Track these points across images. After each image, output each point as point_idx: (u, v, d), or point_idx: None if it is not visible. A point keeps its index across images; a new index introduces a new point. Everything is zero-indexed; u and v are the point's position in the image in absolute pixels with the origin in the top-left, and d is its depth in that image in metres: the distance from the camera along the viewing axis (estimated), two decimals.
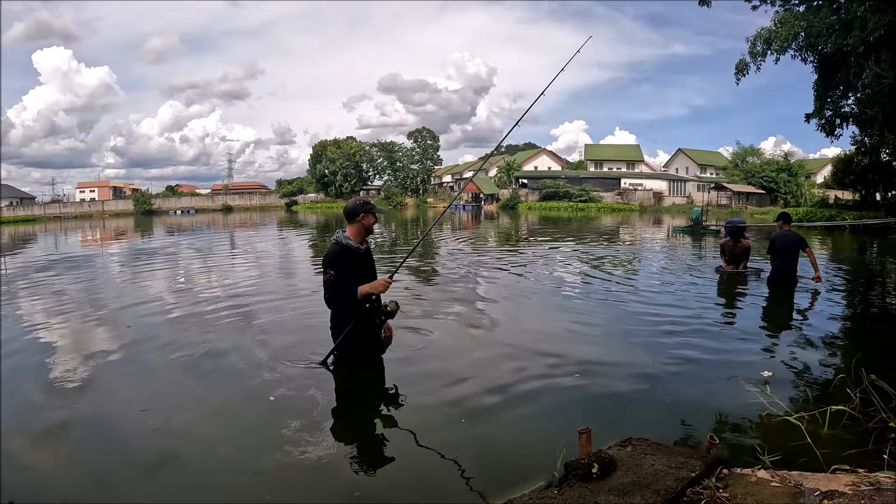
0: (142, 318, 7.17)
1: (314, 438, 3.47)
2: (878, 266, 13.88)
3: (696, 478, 2.67)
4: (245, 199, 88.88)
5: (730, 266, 9.60)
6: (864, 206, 29.74)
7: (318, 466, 3.16)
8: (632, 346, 5.70)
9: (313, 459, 3.21)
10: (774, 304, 7.80)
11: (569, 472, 2.75)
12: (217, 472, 3.22)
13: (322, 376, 4.56)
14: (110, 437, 3.63)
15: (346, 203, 4.67)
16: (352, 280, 4.37)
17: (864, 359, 4.25)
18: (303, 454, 3.26)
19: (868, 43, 14.13)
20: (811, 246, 8.66)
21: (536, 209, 55.87)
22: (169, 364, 5.15)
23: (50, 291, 9.56)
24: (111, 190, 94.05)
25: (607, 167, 74.98)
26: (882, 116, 18.13)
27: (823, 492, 2.46)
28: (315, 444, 3.40)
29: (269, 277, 11.20)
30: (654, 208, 56.04)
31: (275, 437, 3.45)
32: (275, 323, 6.73)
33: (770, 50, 19.39)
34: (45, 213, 71.79)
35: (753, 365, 4.97)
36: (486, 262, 12.98)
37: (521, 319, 7.24)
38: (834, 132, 22.64)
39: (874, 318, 7.41)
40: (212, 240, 24.52)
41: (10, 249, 22.06)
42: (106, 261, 16.53)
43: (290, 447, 3.33)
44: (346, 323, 4.43)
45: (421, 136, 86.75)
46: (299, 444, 3.37)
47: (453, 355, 5.20)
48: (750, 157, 60.36)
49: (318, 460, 3.21)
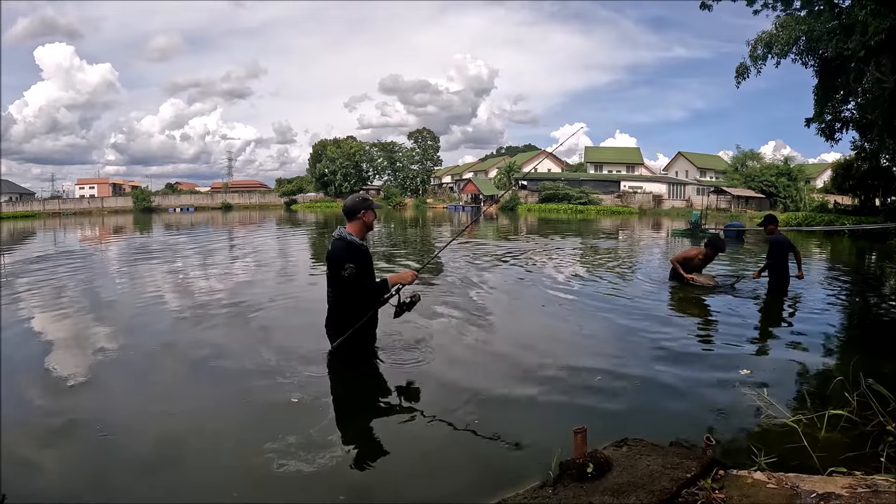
0: (140, 315, 7.16)
1: (313, 439, 3.44)
2: (876, 271, 13.88)
3: (691, 479, 2.65)
4: (245, 197, 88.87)
5: (701, 277, 8.75)
6: (864, 211, 29.70)
7: (317, 467, 3.13)
8: (627, 347, 5.68)
9: (312, 460, 3.18)
10: (773, 309, 7.79)
11: (564, 472, 2.73)
12: (218, 471, 3.20)
13: (321, 377, 4.54)
14: (109, 436, 3.60)
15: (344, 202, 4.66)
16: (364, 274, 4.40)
17: (861, 362, 4.24)
18: (302, 455, 3.23)
19: (869, 47, 14.12)
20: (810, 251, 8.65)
21: (536, 211, 55.89)
22: (168, 362, 5.14)
23: (48, 287, 9.52)
24: (111, 187, 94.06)
25: (607, 170, 74.91)
26: (882, 121, 18.12)
27: (820, 494, 2.44)
28: (314, 444, 3.37)
29: (268, 275, 11.18)
30: (654, 211, 56.10)
31: (274, 438, 3.42)
32: (275, 320, 6.73)
33: (771, 53, 19.40)
34: (45, 209, 71.52)
35: (750, 367, 4.96)
36: (485, 262, 12.95)
37: (516, 321, 7.24)
38: (834, 136, 22.65)
39: (872, 322, 7.39)
40: (210, 238, 24.48)
41: (9, 245, 22.02)
42: (104, 257, 16.51)
43: (289, 447, 3.31)
44: (353, 319, 4.38)
45: (421, 136, 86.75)
46: (298, 445, 3.35)
47: (449, 356, 5.17)
48: (750, 161, 60.32)
49: (317, 461, 3.19)
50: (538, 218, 46.17)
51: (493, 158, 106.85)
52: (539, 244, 19.05)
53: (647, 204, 59.12)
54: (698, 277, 8.67)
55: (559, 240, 21.23)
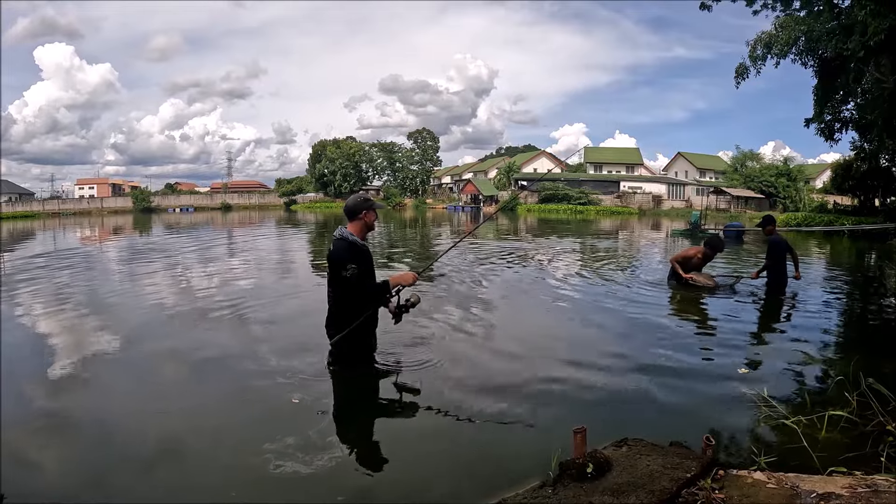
0: (139, 315, 7.17)
1: (312, 440, 3.43)
2: (876, 271, 13.88)
3: (691, 478, 2.65)
4: (244, 197, 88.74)
5: (700, 277, 8.69)
6: (863, 211, 29.70)
7: (316, 467, 3.12)
8: (627, 347, 5.67)
9: (311, 461, 3.17)
10: (772, 309, 7.79)
11: (563, 472, 2.72)
12: (217, 471, 3.19)
13: (320, 378, 4.52)
14: (108, 436, 3.60)
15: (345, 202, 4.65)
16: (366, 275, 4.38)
17: (861, 362, 4.24)
18: (300, 456, 3.22)
19: (868, 47, 14.08)
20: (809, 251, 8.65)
21: (535, 211, 55.86)
22: (167, 362, 5.13)
23: (46, 286, 9.52)
24: (110, 187, 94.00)
25: (607, 170, 74.90)
26: (882, 121, 18.09)
27: (820, 494, 2.44)
28: (313, 445, 3.36)
29: (268, 275, 11.17)
30: (653, 212, 56.06)
31: (274, 438, 3.41)
32: (276, 320, 6.73)
33: (770, 54, 19.39)
34: (44, 209, 71.40)
35: (750, 367, 4.98)
36: (484, 262, 12.94)
37: (515, 321, 7.23)
38: (833, 137, 22.61)
39: (872, 323, 7.40)
40: (209, 238, 24.46)
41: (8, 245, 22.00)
42: (103, 257, 16.50)
43: (288, 448, 3.30)
44: (354, 320, 4.34)
45: (421, 136, 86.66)
46: (297, 446, 3.34)
47: (448, 356, 5.16)
48: (749, 162, 60.28)
49: (315, 461, 3.17)
50: (538, 218, 46.16)
51: (492, 159, 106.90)
52: (538, 244, 19.05)
53: (647, 204, 59.07)
54: (697, 277, 8.64)
55: (558, 240, 21.23)
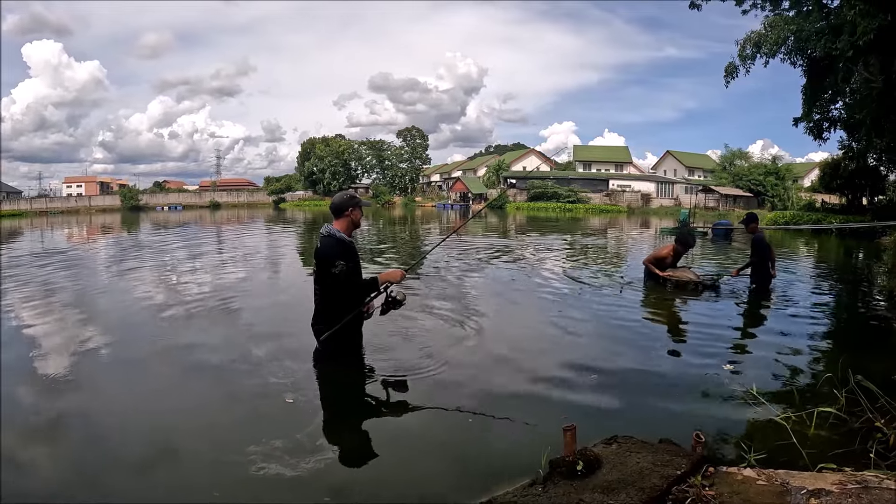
0: (129, 314, 7.11)
1: (303, 440, 3.40)
2: (864, 269, 13.99)
3: (681, 476, 2.64)
4: (233, 195, 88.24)
5: (677, 272, 8.61)
6: (851, 210, 29.97)
7: (309, 465, 3.09)
8: (617, 346, 5.68)
9: (299, 462, 3.13)
10: (759, 307, 7.82)
11: (553, 470, 2.71)
12: (211, 471, 3.15)
13: (310, 376, 4.49)
14: (102, 436, 3.55)
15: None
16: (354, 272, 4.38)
17: (849, 359, 4.25)
18: (289, 457, 3.18)
19: (857, 47, 14.15)
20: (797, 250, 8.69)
21: (524, 209, 55.96)
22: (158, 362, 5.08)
23: (35, 286, 9.40)
24: (98, 185, 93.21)
25: (596, 168, 75.15)
26: (870, 121, 18.18)
27: (810, 490, 2.43)
28: (303, 445, 3.33)
29: (257, 273, 11.11)
30: (642, 210, 56.35)
31: (265, 438, 3.37)
32: (265, 319, 6.68)
33: (760, 53, 19.46)
34: (32, 207, 70.72)
35: (739, 365, 4.98)
36: (473, 260, 12.93)
37: (505, 320, 7.21)
38: (822, 136, 22.73)
39: (860, 320, 7.44)
40: (198, 236, 24.30)
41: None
42: (92, 256, 16.35)
43: (275, 450, 3.26)
44: (342, 316, 4.32)
45: (410, 134, 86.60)
46: (286, 447, 3.30)
47: (438, 355, 5.12)
48: (738, 161, 60.64)
49: (304, 462, 3.14)
50: (527, 216, 46.24)
51: (481, 157, 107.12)
52: (527, 242, 19.07)
53: (636, 202, 59.34)
54: (675, 272, 8.61)
55: (547, 238, 21.26)
